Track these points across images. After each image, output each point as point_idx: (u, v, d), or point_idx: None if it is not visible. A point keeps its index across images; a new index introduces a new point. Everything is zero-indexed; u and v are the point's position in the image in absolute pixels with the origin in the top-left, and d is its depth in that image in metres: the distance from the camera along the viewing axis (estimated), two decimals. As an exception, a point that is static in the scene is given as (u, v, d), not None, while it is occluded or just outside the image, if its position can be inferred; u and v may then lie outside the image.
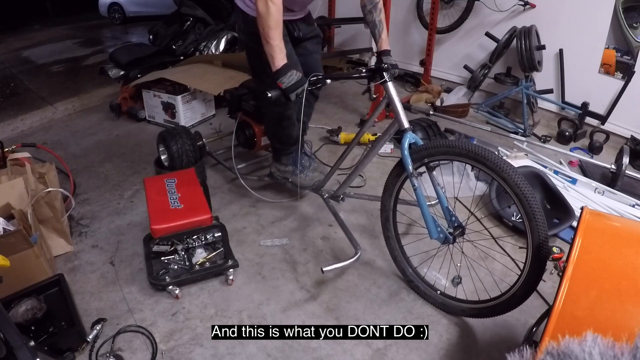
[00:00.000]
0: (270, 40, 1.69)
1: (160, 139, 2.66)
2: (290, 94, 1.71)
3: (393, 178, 1.84)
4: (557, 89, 3.56)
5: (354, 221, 2.40)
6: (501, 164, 1.49)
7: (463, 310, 1.77)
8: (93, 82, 4.61)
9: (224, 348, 1.67)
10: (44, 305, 1.68)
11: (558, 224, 2.26)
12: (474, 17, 3.91)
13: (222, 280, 1.99)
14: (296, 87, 1.71)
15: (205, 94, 3.59)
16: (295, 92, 1.72)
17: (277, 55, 1.70)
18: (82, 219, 2.41)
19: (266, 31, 1.69)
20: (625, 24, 3.10)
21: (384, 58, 1.96)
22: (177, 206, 1.95)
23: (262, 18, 1.67)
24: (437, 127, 3.12)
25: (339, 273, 2.04)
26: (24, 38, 7.45)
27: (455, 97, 3.95)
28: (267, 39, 1.70)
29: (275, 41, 1.69)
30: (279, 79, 1.71)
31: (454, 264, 2.01)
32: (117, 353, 1.64)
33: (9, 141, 2.79)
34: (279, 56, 1.70)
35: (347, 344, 1.70)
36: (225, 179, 2.81)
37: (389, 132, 1.88)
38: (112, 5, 8.76)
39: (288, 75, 1.71)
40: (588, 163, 2.89)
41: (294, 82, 1.70)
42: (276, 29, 1.68)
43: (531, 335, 1.44)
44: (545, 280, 1.99)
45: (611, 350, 0.81)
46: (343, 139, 3.24)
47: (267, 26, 1.67)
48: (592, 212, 1.26)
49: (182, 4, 4.59)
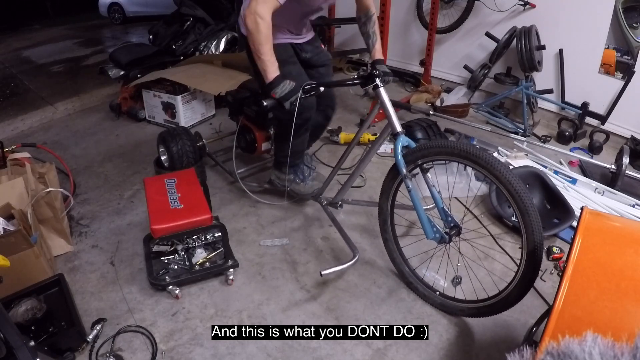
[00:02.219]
0: (262, 56, 1.75)
1: (160, 139, 2.66)
2: (284, 102, 1.77)
3: (389, 181, 1.86)
4: (557, 89, 3.56)
5: (353, 221, 2.40)
6: (494, 163, 1.50)
7: (462, 310, 1.77)
8: (93, 82, 4.60)
9: (224, 348, 1.67)
10: (44, 305, 1.68)
11: (558, 224, 2.26)
12: (474, 17, 3.91)
13: (222, 280, 1.99)
14: (290, 96, 1.77)
15: (205, 94, 3.59)
16: (290, 101, 1.77)
17: (268, 69, 1.77)
18: (82, 219, 2.41)
19: (256, 47, 1.75)
20: (625, 24, 3.10)
21: (378, 66, 2.01)
22: (177, 206, 1.95)
23: (252, 34, 1.73)
24: (437, 127, 3.12)
25: (339, 273, 2.04)
26: (24, 38, 7.46)
27: (455, 97, 3.95)
28: (258, 55, 1.77)
29: (266, 56, 1.75)
30: (272, 90, 1.77)
31: (451, 265, 2.01)
32: (117, 353, 1.64)
33: (9, 141, 2.79)
34: (270, 69, 1.77)
35: (347, 344, 1.70)
36: (225, 179, 2.80)
37: (382, 136, 1.92)
38: (112, 5, 8.76)
39: (281, 86, 1.77)
40: (588, 163, 2.89)
41: (287, 91, 1.76)
42: (266, 44, 1.74)
43: (531, 335, 1.44)
44: (545, 280, 2.00)
45: (611, 350, 0.81)
46: (343, 139, 3.25)
47: (257, 42, 1.73)
48: (592, 212, 1.26)
49: (182, 4, 4.59)
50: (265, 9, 1.69)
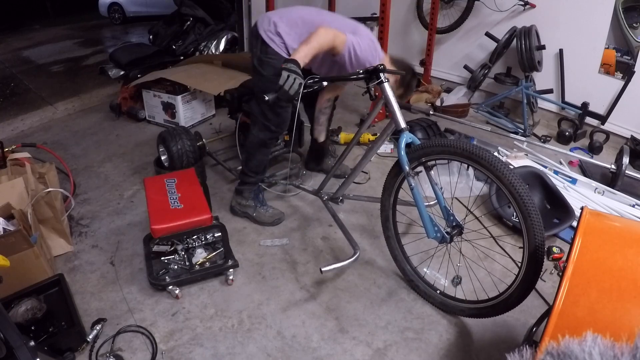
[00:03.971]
0: (311, 44, 1.83)
1: (160, 139, 2.66)
2: (285, 85, 1.71)
3: (391, 178, 1.85)
4: (557, 89, 3.56)
5: (354, 221, 2.40)
6: (496, 163, 1.49)
7: (462, 310, 1.77)
8: (93, 82, 4.61)
9: (224, 348, 1.67)
10: (44, 305, 1.68)
11: (558, 224, 2.26)
12: (474, 17, 3.91)
13: (222, 280, 1.99)
14: (294, 75, 1.72)
15: (205, 94, 3.59)
16: (291, 85, 1.72)
17: (303, 52, 1.81)
18: (82, 219, 2.41)
19: (316, 44, 1.84)
20: (625, 24, 3.10)
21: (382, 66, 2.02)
22: (177, 206, 1.95)
23: (321, 38, 1.85)
24: (437, 127, 3.12)
25: (339, 273, 2.04)
26: (24, 38, 7.45)
27: (455, 97, 3.95)
28: (310, 43, 1.83)
29: (312, 49, 1.83)
30: (286, 63, 1.75)
31: (452, 264, 2.01)
32: (117, 353, 1.64)
33: (9, 141, 2.79)
34: (303, 53, 1.81)
35: (347, 344, 1.70)
36: (225, 179, 2.81)
37: (386, 133, 1.91)
38: (112, 5, 8.77)
39: (294, 67, 1.74)
40: (588, 163, 2.89)
41: (294, 71, 1.73)
42: (318, 46, 1.85)
43: (531, 335, 1.44)
44: (545, 280, 2.00)
45: (611, 350, 0.81)
46: (343, 139, 3.25)
47: (319, 39, 1.84)
48: (592, 212, 1.26)
49: (182, 4, 4.59)
50: (337, 36, 1.88)
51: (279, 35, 2.01)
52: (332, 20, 2.02)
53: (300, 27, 2.00)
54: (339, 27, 1.94)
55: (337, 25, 1.96)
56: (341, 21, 2.08)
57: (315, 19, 2.00)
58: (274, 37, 2.02)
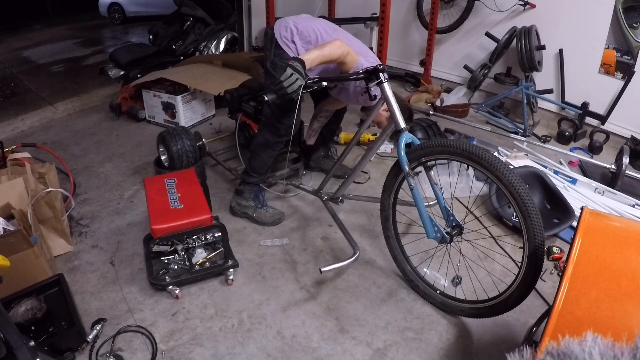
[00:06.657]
0: (323, 51, 1.86)
1: (160, 139, 2.66)
2: (286, 83, 1.72)
3: (391, 178, 1.85)
4: (557, 89, 3.56)
5: (354, 221, 2.40)
6: (496, 163, 1.49)
7: (462, 310, 1.77)
8: (93, 82, 4.61)
9: (224, 348, 1.67)
10: (44, 305, 1.68)
11: (558, 224, 2.26)
12: (474, 17, 3.92)
13: (222, 280, 1.99)
14: (297, 75, 1.72)
15: (205, 94, 3.59)
16: (291, 84, 1.72)
17: (313, 55, 1.83)
18: (82, 219, 2.41)
19: (327, 52, 1.87)
20: (625, 24, 3.10)
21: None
22: (177, 206, 1.95)
23: (334, 48, 1.88)
24: (437, 127, 3.12)
25: (339, 273, 2.04)
26: (24, 38, 7.45)
27: (455, 97, 3.95)
28: (322, 50, 1.86)
29: (321, 56, 1.86)
30: (293, 61, 1.76)
31: (452, 264, 2.01)
32: (117, 353, 1.63)
33: (9, 141, 2.79)
34: (312, 56, 1.83)
35: (347, 344, 1.70)
36: (225, 179, 2.81)
37: (386, 132, 1.91)
38: (112, 5, 8.76)
39: (299, 67, 1.75)
40: (588, 163, 2.89)
41: (298, 70, 1.73)
42: (329, 57, 1.88)
43: (531, 335, 1.44)
44: (545, 280, 2.00)
45: (611, 350, 0.81)
46: (343, 139, 3.25)
47: (332, 51, 1.88)
48: (592, 212, 1.26)
49: (182, 4, 4.59)
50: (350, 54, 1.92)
51: (294, 43, 2.07)
52: (347, 39, 2.04)
53: (313, 42, 2.06)
54: (352, 47, 1.96)
55: (350, 44, 1.98)
56: (355, 42, 2.11)
57: (332, 35, 2.05)
58: (289, 44, 2.07)
